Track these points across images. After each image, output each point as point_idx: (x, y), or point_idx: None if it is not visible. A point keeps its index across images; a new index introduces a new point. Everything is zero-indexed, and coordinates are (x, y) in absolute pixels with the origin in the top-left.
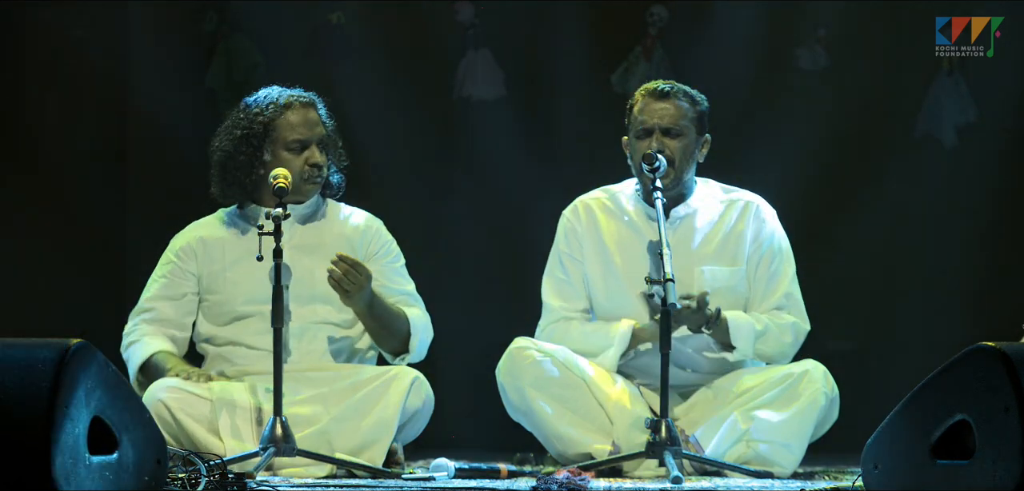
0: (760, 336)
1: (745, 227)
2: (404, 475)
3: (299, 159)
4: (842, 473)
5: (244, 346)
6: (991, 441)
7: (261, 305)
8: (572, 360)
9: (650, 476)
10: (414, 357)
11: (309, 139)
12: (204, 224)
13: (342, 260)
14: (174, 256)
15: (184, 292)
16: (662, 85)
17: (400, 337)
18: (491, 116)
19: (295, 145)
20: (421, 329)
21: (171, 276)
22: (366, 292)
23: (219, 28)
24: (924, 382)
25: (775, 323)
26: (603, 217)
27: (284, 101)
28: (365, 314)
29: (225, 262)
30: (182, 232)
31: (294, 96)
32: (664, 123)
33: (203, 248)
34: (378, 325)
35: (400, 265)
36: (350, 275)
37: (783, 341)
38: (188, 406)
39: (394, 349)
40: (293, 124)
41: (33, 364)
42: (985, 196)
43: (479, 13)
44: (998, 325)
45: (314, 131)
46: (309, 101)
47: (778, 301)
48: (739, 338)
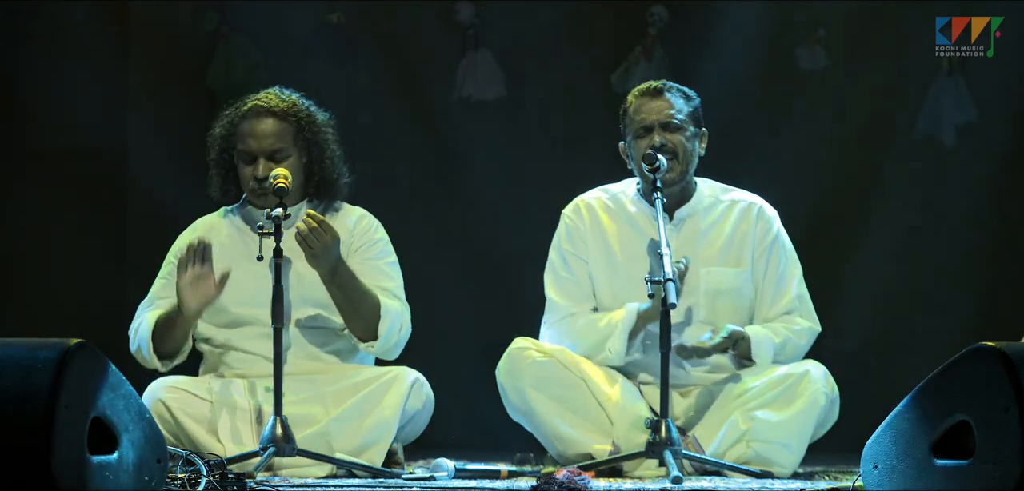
0: (779, 349)
1: (749, 229)
2: (404, 475)
3: (248, 170)
4: (842, 473)
5: (241, 351)
6: (991, 441)
7: (255, 308)
8: (572, 360)
9: (650, 476)
10: (382, 347)
11: (257, 151)
12: (205, 224)
13: (310, 216)
14: (174, 257)
15: None
16: (654, 84)
17: (369, 320)
18: (491, 116)
19: (244, 155)
20: (393, 317)
21: (171, 276)
22: (331, 254)
23: (219, 28)
24: (924, 382)
25: (791, 331)
26: (605, 216)
27: (244, 108)
28: (329, 280)
29: (220, 265)
30: (185, 231)
31: (253, 104)
32: (662, 118)
33: None
34: (344, 297)
35: (387, 263)
36: (315, 232)
37: (799, 347)
38: (188, 406)
39: (362, 333)
40: (243, 134)
41: (33, 364)
42: (985, 196)
43: (479, 13)
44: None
45: (263, 143)
46: (265, 109)
47: (789, 304)
48: (760, 354)
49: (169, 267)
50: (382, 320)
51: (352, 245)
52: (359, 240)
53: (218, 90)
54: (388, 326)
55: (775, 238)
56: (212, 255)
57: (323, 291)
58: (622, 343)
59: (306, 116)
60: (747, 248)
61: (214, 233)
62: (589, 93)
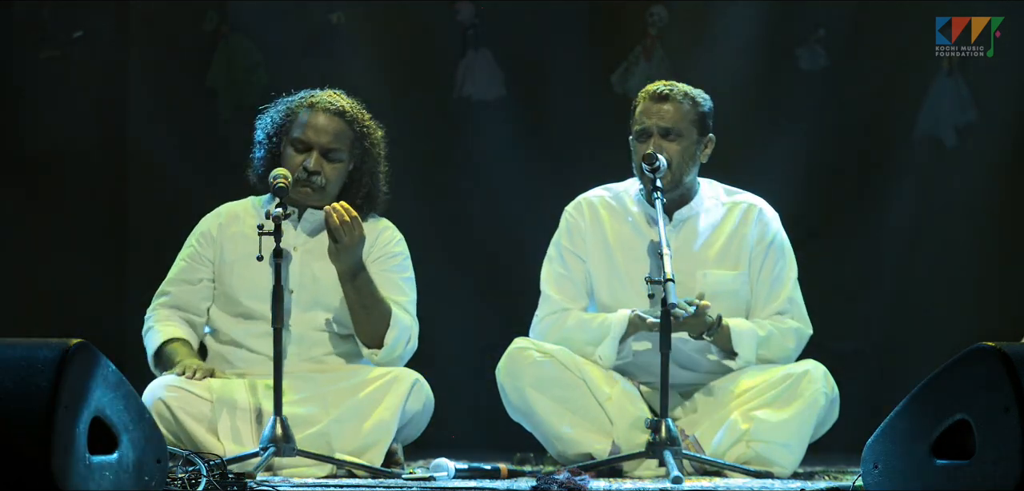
0: (763, 342)
1: (748, 231)
2: (404, 475)
3: (298, 158)
4: (842, 473)
5: (245, 348)
6: (991, 441)
7: (266, 305)
8: (572, 360)
9: (650, 476)
10: (386, 356)
11: (314, 143)
12: (227, 210)
13: (344, 208)
14: (195, 241)
15: (201, 277)
16: (663, 87)
17: (378, 327)
18: (491, 116)
19: (298, 143)
20: (402, 329)
21: (190, 260)
22: (355, 253)
23: (219, 28)
24: (924, 382)
25: (778, 328)
26: (606, 215)
27: (312, 100)
28: (348, 278)
29: (237, 254)
30: (210, 214)
31: (324, 100)
32: (663, 124)
33: (222, 235)
34: (359, 300)
35: (404, 277)
36: (346, 225)
37: (786, 346)
38: (188, 406)
39: (369, 339)
40: (304, 123)
41: (33, 364)
42: (985, 196)
43: (479, 13)
44: (998, 325)
45: (321, 137)
46: (333, 107)
47: (781, 305)
48: (742, 345)
49: (189, 249)
50: (390, 329)
51: (372, 253)
52: (380, 249)
53: (218, 90)
54: (395, 336)
55: (773, 239)
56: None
57: (335, 297)
58: (612, 350)
59: (368, 126)
60: (744, 249)
61: (235, 222)
62: (589, 93)
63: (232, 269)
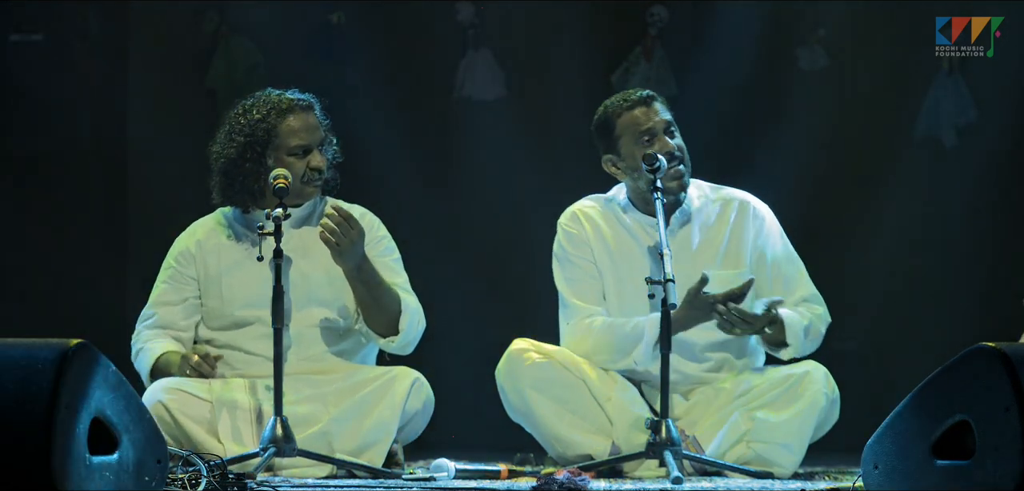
0: (807, 331)
1: (744, 229)
2: (404, 475)
3: (301, 163)
4: (842, 473)
5: (242, 351)
6: (991, 441)
7: (258, 310)
8: (571, 361)
9: (650, 476)
10: (402, 342)
11: (310, 143)
12: (202, 226)
13: (336, 211)
14: (174, 261)
15: (185, 296)
16: (640, 93)
17: (390, 315)
18: (491, 116)
19: (297, 150)
20: (413, 312)
21: (171, 281)
22: (357, 250)
23: (219, 28)
24: (924, 382)
25: (813, 315)
26: (603, 223)
27: (285, 105)
28: (354, 276)
29: (220, 267)
30: (182, 235)
31: (293, 100)
32: (666, 120)
33: (200, 252)
34: (368, 293)
35: (393, 259)
36: (342, 228)
37: (820, 333)
38: (188, 407)
39: (383, 328)
40: (295, 129)
41: (33, 364)
42: (985, 196)
43: (479, 13)
44: (998, 325)
45: (314, 135)
46: (308, 104)
47: (806, 293)
48: (792, 335)
49: (168, 271)
50: (403, 315)
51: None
52: (367, 237)
53: (218, 90)
54: (409, 321)
55: (775, 238)
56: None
57: (328, 291)
58: (648, 353)
59: (323, 111)
60: (744, 249)
61: (214, 235)
62: (589, 93)
63: (220, 281)
